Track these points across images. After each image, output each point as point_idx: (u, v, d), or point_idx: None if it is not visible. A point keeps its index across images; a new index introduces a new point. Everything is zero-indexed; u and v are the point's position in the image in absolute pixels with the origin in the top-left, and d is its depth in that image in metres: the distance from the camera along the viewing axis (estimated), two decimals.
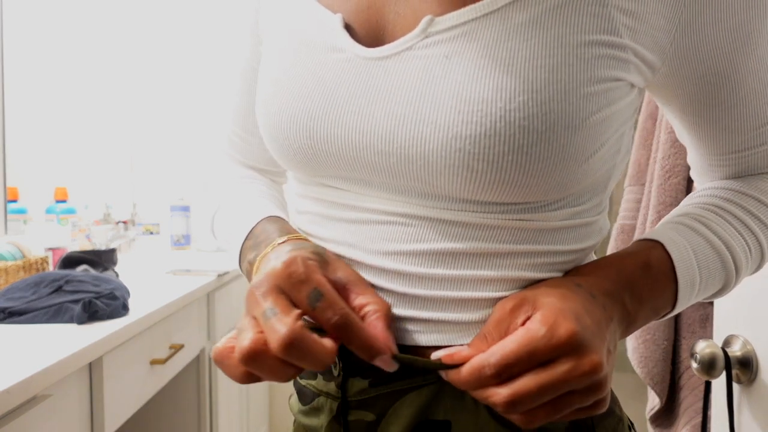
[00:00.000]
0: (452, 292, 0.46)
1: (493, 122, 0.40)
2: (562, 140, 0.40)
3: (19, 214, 1.79)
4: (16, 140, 1.83)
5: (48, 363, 0.85)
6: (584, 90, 0.41)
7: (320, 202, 0.52)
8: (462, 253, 0.45)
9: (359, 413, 0.49)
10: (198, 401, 1.73)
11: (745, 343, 0.74)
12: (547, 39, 0.40)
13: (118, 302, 1.16)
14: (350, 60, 0.46)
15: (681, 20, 0.43)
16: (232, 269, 1.93)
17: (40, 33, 2.02)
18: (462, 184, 0.42)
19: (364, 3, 0.47)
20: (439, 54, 0.42)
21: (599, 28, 0.41)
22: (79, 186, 2.20)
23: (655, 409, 1.23)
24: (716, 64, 0.45)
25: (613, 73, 0.42)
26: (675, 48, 0.44)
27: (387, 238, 0.47)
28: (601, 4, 0.41)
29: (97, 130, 2.41)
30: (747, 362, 0.73)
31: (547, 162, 0.41)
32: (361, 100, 0.45)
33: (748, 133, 0.50)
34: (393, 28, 0.46)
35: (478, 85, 0.40)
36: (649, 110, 1.24)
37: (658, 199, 1.14)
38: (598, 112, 0.42)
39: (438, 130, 0.41)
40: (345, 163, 0.47)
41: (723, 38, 0.44)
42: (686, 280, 0.47)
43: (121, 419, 1.13)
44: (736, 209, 0.51)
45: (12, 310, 1.11)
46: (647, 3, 0.42)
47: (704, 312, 1.13)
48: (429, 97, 0.42)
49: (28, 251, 1.46)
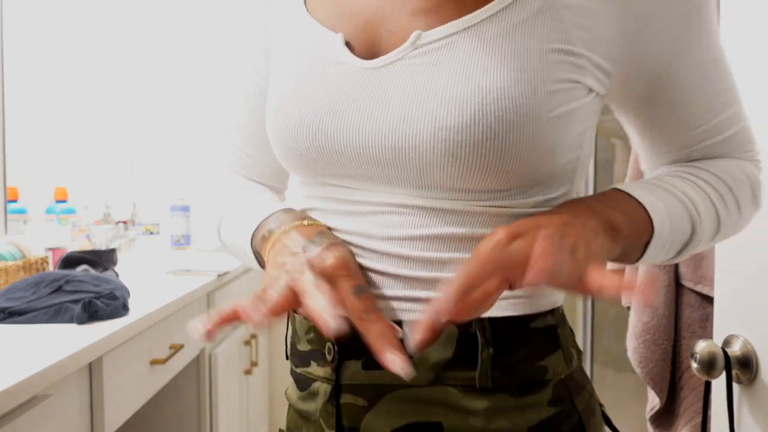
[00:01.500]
0: (444, 274, 0.51)
1: (473, 114, 0.47)
2: (531, 129, 0.48)
3: (19, 214, 1.79)
4: (16, 140, 1.83)
5: (48, 363, 0.85)
6: (547, 89, 0.48)
7: (325, 200, 0.57)
8: (451, 237, 0.52)
9: (352, 397, 0.53)
10: (198, 401, 1.73)
11: (745, 343, 0.74)
12: (515, 48, 0.49)
13: (118, 302, 1.16)
14: (350, 71, 0.53)
15: (627, 32, 0.51)
16: (232, 269, 1.93)
17: (40, 33, 2.02)
18: (449, 171, 0.49)
19: (361, 24, 0.55)
20: (426, 62, 0.50)
21: (558, 39, 0.49)
22: (79, 186, 2.20)
23: (655, 409, 1.23)
24: (660, 69, 0.53)
25: (571, 75, 0.50)
26: (624, 56, 0.52)
27: (387, 225, 0.53)
28: (559, 20, 0.49)
29: (97, 130, 2.41)
30: (747, 362, 0.73)
31: (519, 148, 0.48)
32: (360, 103, 0.52)
33: (694, 130, 0.56)
34: (387, 43, 0.53)
35: (459, 85, 0.48)
36: None
37: None
38: (559, 107, 0.49)
39: (427, 124, 0.49)
40: (348, 160, 0.53)
41: (664, 47, 0.52)
42: (653, 209, 0.52)
43: (121, 419, 1.13)
44: (682, 168, 0.58)
45: (12, 310, 1.11)
46: (598, 18, 0.49)
47: (704, 312, 1.14)
48: (418, 97, 0.49)
49: (28, 251, 1.46)
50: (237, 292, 2.07)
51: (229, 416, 1.93)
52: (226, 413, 1.89)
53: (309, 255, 0.50)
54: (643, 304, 0.47)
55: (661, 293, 1.16)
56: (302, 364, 0.58)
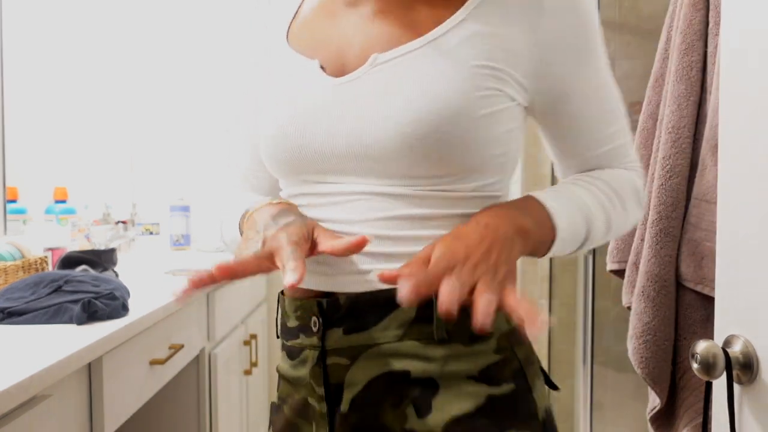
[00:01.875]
0: (410, 248, 0.64)
1: (420, 113, 0.62)
2: (464, 124, 0.62)
3: (19, 214, 1.79)
4: (15, 140, 1.83)
5: (47, 363, 0.85)
6: (476, 94, 0.63)
7: (306, 195, 0.70)
8: (411, 217, 0.65)
9: (336, 358, 0.66)
10: (198, 401, 1.73)
11: (746, 343, 0.73)
12: (451, 64, 0.63)
13: (118, 302, 1.15)
14: (324, 87, 0.68)
15: (534, 55, 0.66)
16: None
17: (40, 33, 2.02)
18: (404, 160, 0.63)
19: (333, 51, 0.70)
20: (384, 76, 0.65)
21: (484, 58, 0.64)
22: (79, 186, 2.20)
23: (655, 410, 1.23)
24: (560, 88, 0.68)
25: (495, 85, 0.64)
26: (535, 74, 0.66)
27: (359, 210, 0.65)
28: (485, 44, 0.64)
29: (97, 130, 2.41)
30: (748, 362, 0.73)
31: (455, 139, 0.62)
32: (333, 111, 0.66)
33: (587, 140, 0.72)
34: (352, 64, 0.68)
35: (409, 92, 0.63)
36: (649, 110, 1.24)
37: (659, 199, 1.14)
38: (486, 108, 0.63)
39: (386, 122, 0.63)
40: (325, 157, 0.66)
41: (563, 69, 0.67)
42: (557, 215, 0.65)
43: (120, 419, 1.12)
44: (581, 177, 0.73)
45: (11, 311, 1.11)
46: (514, 44, 0.65)
47: (705, 312, 1.13)
48: (378, 103, 0.64)
49: (27, 251, 1.46)
50: (237, 292, 2.07)
51: (229, 416, 1.93)
52: (226, 413, 1.89)
53: (266, 234, 0.62)
54: (527, 336, 0.68)
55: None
56: (292, 338, 0.71)
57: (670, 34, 1.20)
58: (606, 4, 2.11)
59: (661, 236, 1.14)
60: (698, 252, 1.10)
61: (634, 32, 2.22)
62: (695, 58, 1.11)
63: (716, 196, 1.05)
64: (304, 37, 0.73)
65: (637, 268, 1.22)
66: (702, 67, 1.12)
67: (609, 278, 1.94)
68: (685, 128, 1.12)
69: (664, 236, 1.14)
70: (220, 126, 2.70)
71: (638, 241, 1.22)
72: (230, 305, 1.99)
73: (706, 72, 1.12)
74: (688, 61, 1.11)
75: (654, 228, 1.15)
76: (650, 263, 1.15)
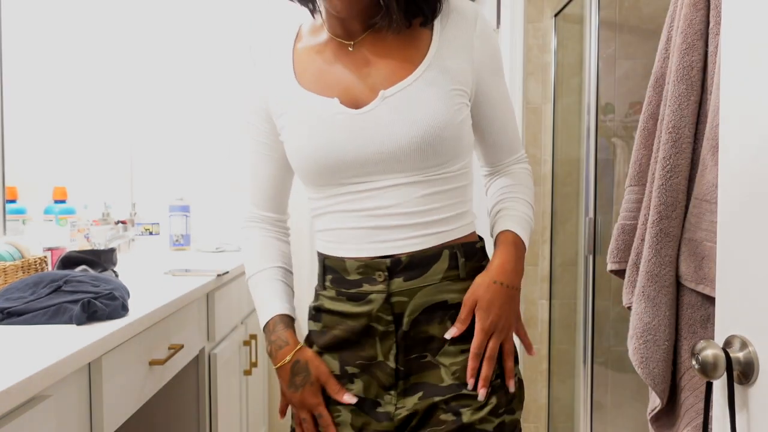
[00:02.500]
0: (430, 217, 0.95)
1: (424, 128, 0.92)
2: (451, 129, 0.93)
3: (18, 214, 1.79)
4: (15, 140, 1.83)
5: (47, 363, 0.85)
6: (454, 108, 0.94)
7: (346, 194, 0.96)
8: (425, 195, 0.94)
9: (398, 297, 0.95)
10: (197, 401, 1.73)
11: (747, 343, 0.73)
12: (437, 90, 0.93)
13: (118, 302, 1.15)
14: (350, 116, 0.94)
15: (476, 75, 0.99)
16: (231, 269, 1.92)
17: (40, 33, 2.01)
18: (417, 157, 0.92)
19: (343, 89, 0.96)
20: (392, 105, 0.93)
21: (454, 83, 0.95)
22: (78, 186, 2.20)
23: (655, 410, 1.23)
24: (484, 97, 1.02)
25: (462, 100, 0.96)
26: (474, 87, 1.00)
27: (389, 198, 0.94)
28: (452, 71, 0.96)
29: (97, 130, 2.40)
30: (748, 363, 0.73)
31: (447, 139, 0.93)
32: (360, 132, 0.93)
33: (502, 129, 1.06)
34: (364, 99, 0.95)
35: (414, 114, 0.92)
36: (650, 110, 1.24)
37: (660, 199, 1.14)
38: (460, 116, 0.95)
39: (404, 135, 0.92)
40: (359, 164, 0.93)
41: (486, 84, 1.01)
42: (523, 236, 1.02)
43: (120, 419, 1.12)
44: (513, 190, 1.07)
45: (11, 311, 1.11)
46: (464, 68, 0.97)
47: (705, 312, 1.13)
48: (393, 124, 0.92)
49: (26, 251, 1.45)
50: (236, 292, 2.07)
51: (229, 416, 1.93)
52: (226, 414, 1.89)
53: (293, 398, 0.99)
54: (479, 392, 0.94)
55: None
56: (354, 287, 0.97)
57: (670, 34, 1.20)
58: (606, 4, 2.11)
59: (661, 236, 1.14)
60: (698, 252, 1.10)
61: (634, 32, 2.22)
62: (696, 58, 1.11)
63: (716, 196, 1.05)
64: (313, 80, 0.98)
65: (637, 268, 1.22)
66: (702, 67, 1.12)
67: (609, 278, 1.94)
68: (685, 128, 1.12)
69: (665, 236, 1.14)
70: (219, 126, 2.70)
71: (638, 241, 1.22)
72: (230, 305, 1.99)
73: (706, 72, 1.12)
74: (688, 60, 1.11)
75: (654, 228, 1.15)
76: (650, 263, 1.15)
